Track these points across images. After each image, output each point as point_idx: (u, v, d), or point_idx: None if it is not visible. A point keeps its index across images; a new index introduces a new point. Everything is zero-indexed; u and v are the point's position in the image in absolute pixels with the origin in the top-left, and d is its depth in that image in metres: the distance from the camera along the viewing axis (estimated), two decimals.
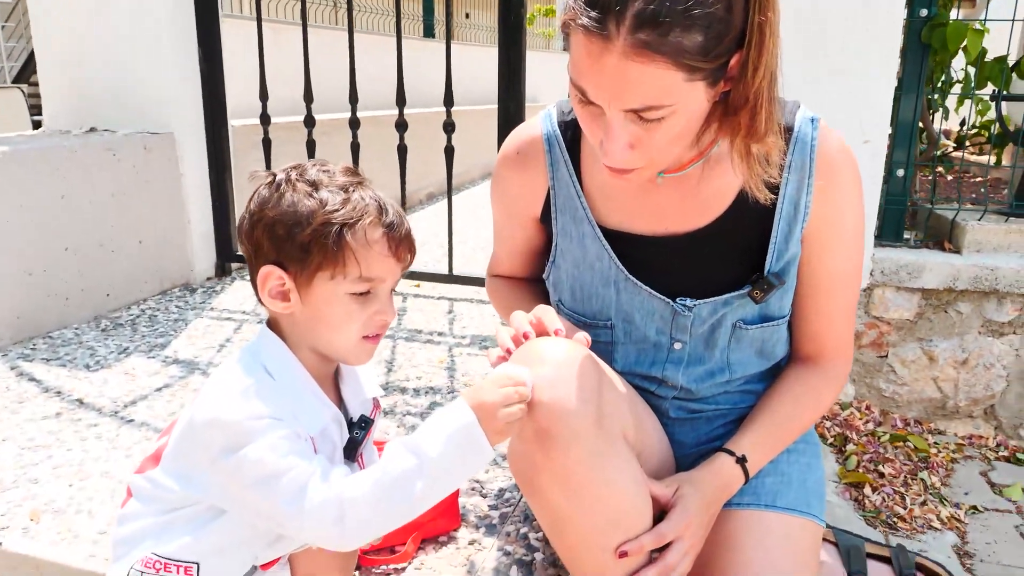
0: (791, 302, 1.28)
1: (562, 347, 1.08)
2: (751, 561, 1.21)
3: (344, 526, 0.96)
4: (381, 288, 1.06)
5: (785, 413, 1.29)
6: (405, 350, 2.43)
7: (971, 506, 2.06)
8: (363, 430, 1.15)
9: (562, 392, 1.02)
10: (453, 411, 1.00)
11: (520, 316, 1.18)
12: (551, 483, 1.06)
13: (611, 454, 1.07)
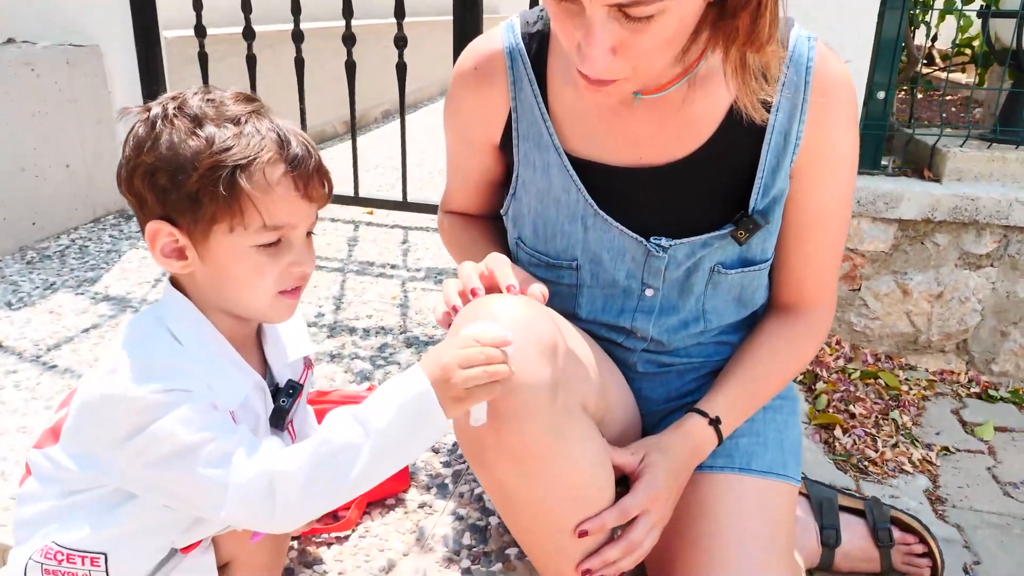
0: (774, 245, 1.15)
1: (514, 307, 0.94)
2: (724, 529, 1.11)
3: (274, 505, 0.84)
4: (294, 235, 0.91)
5: (762, 369, 1.17)
6: (355, 285, 2.27)
7: (943, 447, 2.00)
8: (291, 397, 1.02)
9: (514, 361, 0.89)
10: (406, 377, 0.87)
11: (469, 268, 1.03)
12: (501, 461, 0.94)
13: (569, 428, 0.95)
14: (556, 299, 1.19)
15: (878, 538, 1.50)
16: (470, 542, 1.23)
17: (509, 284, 1.00)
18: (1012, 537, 1.70)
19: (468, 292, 1.00)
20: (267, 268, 0.89)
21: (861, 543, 1.51)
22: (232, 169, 0.84)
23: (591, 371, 1.05)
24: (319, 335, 1.95)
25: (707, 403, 1.15)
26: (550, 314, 1.01)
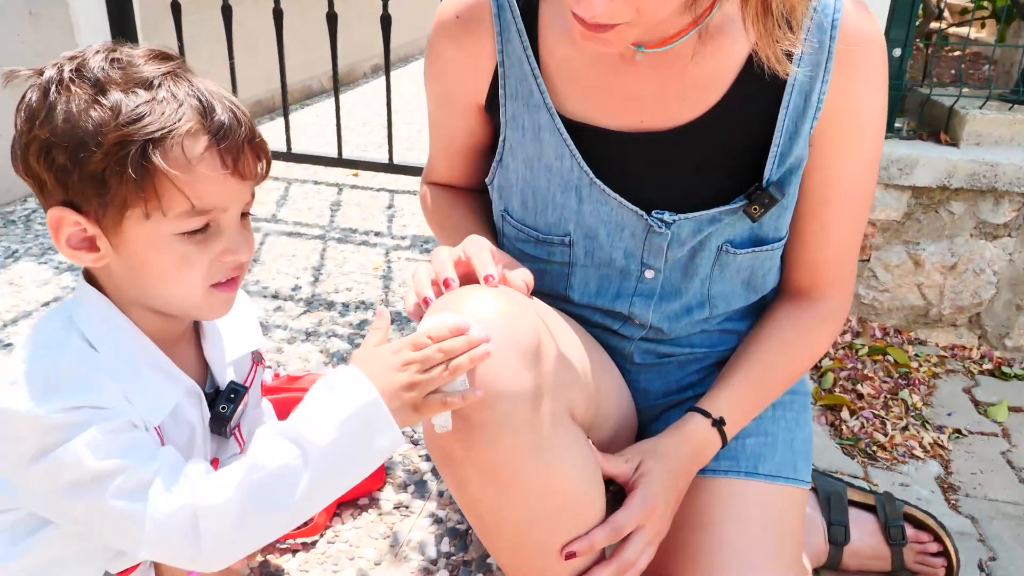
0: (789, 221, 1.03)
1: (490, 302, 0.82)
2: (727, 540, 1.01)
3: (199, 543, 0.72)
4: (224, 219, 0.78)
5: (771, 362, 1.05)
6: (335, 254, 2.15)
7: (955, 429, 1.90)
8: (232, 402, 0.89)
9: (489, 368, 0.77)
10: (348, 383, 0.75)
11: (443, 255, 0.91)
12: (474, 478, 0.82)
13: (552, 440, 0.83)
14: (546, 279, 1.06)
15: (890, 536, 1.40)
16: (449, 549, 1.13)
17: (487, 274, 0.87)
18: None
19: (441, 283, 0.88)
20: (195, 259, 0.77)
21: (871, 540, 1.41)
22: (143, 144, 0.71)
23: (581, 371, 0.93)
24: (295, 310, 1.83)
25: (710, 401, 1.03)
26: (534, 307, 0.89)
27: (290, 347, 1.66)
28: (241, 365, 0.96)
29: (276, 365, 1.59)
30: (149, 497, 0.72)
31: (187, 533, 0.73)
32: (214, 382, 0.91)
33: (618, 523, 0.90)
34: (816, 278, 1.07)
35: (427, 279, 0.91)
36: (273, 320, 1.78)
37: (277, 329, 1.74)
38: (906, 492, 1.69)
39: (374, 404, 0.74)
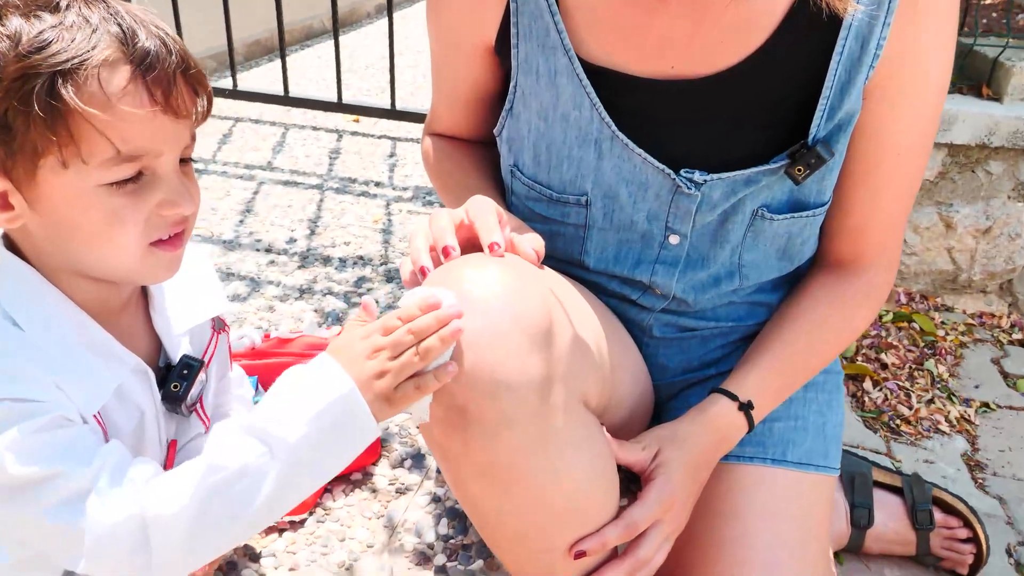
0: (834, 184, 0.92)
1: (496, 275, 0.72)
2: (751, 533, 0.92)
3: (149, 557, 0.64)
4: (159, 165, 0.68)
5: (806, 341, 0.95)
6: (333, 205, 2.04)
7: (982, 403, 1.81)
8: (185, 380, 0.80)
9: (491, 354, 0.67)
10: (318, 373, 0.67)
11: (443, 219, 0.80)
12: (473, 476, 0.73)
13: (562, 433, 0.74)
14: (558, 242, 0.96)
15: (916, 520, 1.31)
16: (447, 531, 1.04)
17: (492, 241, 0.77)
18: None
19: (440, 251, 0.77)
20: (127, 214, 0.67)
21: (896, 525, 1.32)
22: (51, 77, 0.60)
23: (597, 351, 0.83)
24: (289, 265, 1.73)
25: (737, 382, 0.93)
26: (545, 279, 0.79)
27: (282, 305, 1.57)
28: (200, 335, 0.86)
29: (267, 325, 1.50)
30: (88, 508, 0.63)
31: (134, 547, 0.64)
32: (166, 357, 0.82)
33: (633, 519, 0.81)
34: (860, 248, 0.96)
35: (425, 246, 0.81)
36: (265, 275, 1.68)
37: (269, 285, 1.64)
38: (930, 469, 1.60)
39: (349, 396, 0.65)
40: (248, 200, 2.04)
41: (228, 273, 1.67)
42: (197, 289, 0.86)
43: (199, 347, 0.86)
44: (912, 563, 1.35)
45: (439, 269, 0.76)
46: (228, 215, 1.95)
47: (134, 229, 0.67)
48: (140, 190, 0.67)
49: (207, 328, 0.88)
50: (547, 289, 0.77)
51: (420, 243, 0.81)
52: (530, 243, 0.81)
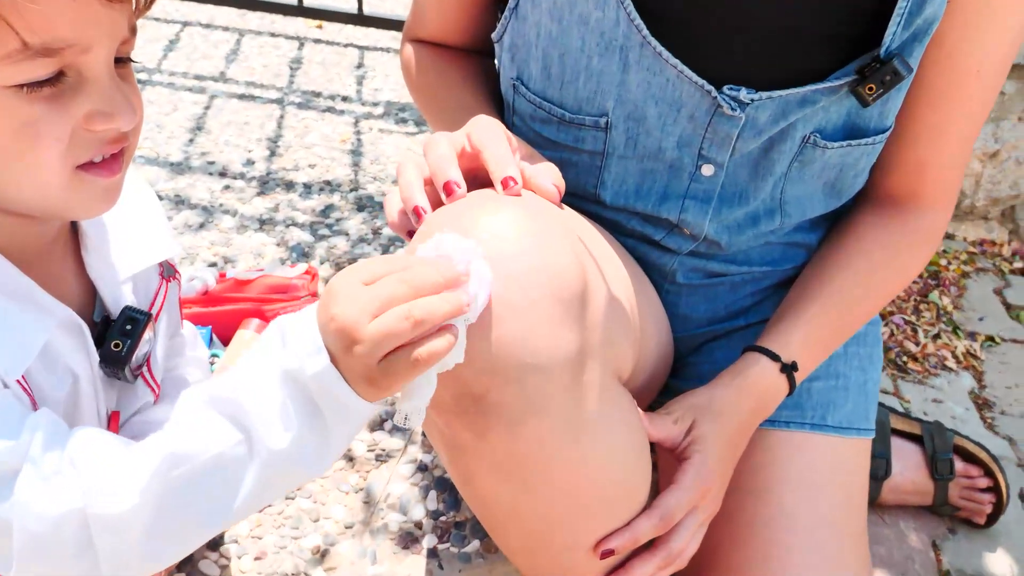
0: (899, 107, 0.78)
1: (518, 223, 0.57)
2: (788, 509, 0.82)
3: (96, 562, 0.52)
4: (88, 64, 0.53)
5: (857, 291, 0.83)
6: (295, 122, 1.84)
7: (987, 336, 1.74)
8: (129, 336, 0.66)
9: (517, 328, 0.53)
10: (294, 346, 0.54)
11: (442, 146, 0.65)
12: (487, 471, 0.61)
13: (595, 418, 0.62)
14: (570, 173, 0.81)
15: (936, 470, 1.24)
16: (436, 506, 0.92)
17: (507, 176, 0.62)
18: None
19: (440, 187, 0.62)
20: (44, 126, 0.52)
21: (914, 476, 1.24)
22: None
23: (630, 313, 0.69)
24: (246, 191, 1.55)
25: (778, 339, 0.81)
26: (571, 223, 0.64)
27: (240, 238, 1.40)
28: (145, 283, 0.72)
29: (222, 263, 1.33)
30: (15, 496, 0.50)
31: (77, 549, 0.52)
32: (104, 309, 0.67)
33: (668, 509, 0.69)
34: (919, 185, 0.83)
35: (418, 180, 0.65)
36: (220, 203, 1.51)
37: (225, 215, 1.47)
38: (939, 409, 1.53)
39: (322, 375, 0.52)
40: (199, 116, 1.83)
41: (176, 201, 1.49)
42: (140, 227, 0.72)
43: (144, 298, 0.72)
44: (928, 513, 1.28)
45: (440, 212, 0.61)
46: (176, 133, 1.75)
47: (55, 147, 0.53)
48: (61, 96, 0.52)
49: (154, 275, 0.73)
50: (577, 238, 0.62)
51: (412, 176, 0.66)
52: (549, 177, 0.67)
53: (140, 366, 0.70)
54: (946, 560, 1.22)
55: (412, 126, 1.89)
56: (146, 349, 0.69)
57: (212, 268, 1.27)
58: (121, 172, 0.59)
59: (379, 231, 1.48)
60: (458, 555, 0.87)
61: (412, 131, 1.87)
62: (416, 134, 1.87)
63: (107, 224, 0.68)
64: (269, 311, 1.13)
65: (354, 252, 1.39)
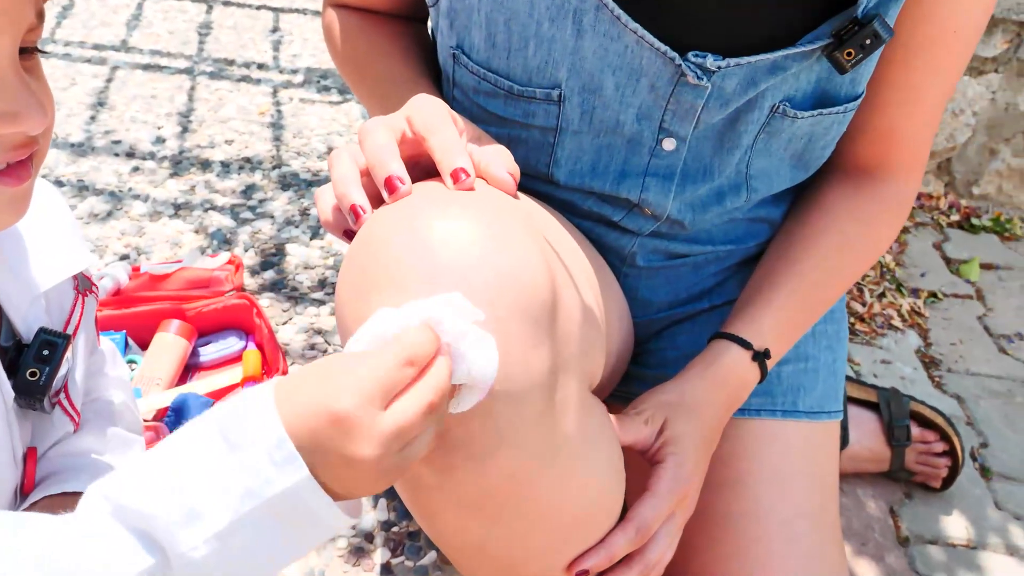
0: (871, 72, 0.73)
1: (479, 227, 0.51)
2: (764, 504, 0.79)
3: None
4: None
5: (828, 268, 0.78)
6: (207, 94, 1.71)
7: (930, 293, 1.75)
8: (48, 363, 0.57)
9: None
10: (260, 450, 0.43)
11: (379, 136, 0.57)
12: (451, 508, 0.54)
13: (572, 436, 0.55)
14: (519, 151, 0.74)
15: (893, 437, 1.22)
16: (387, 516, 0.85)
17: (458, 167, 0.54)
18: (1016, 408, 1.48)
19: (381, 183, 0.54)
20: None
21: (871, 443, 1.23)
22: None
23: (598, 310, 0.63)
24: (158, 173, 1.42)
25: (748, 325, 0.75)
26: (533, 220, 0.57)
27: (153, 226, 1.28)
28: (59, 299, 0.62)
29: (135, 255, 1.21)
30: None
31: None
32: (14, 333, 0.58)
33: (644, 521, 0.64)
34: (889, 153, 0.79)
35: (353, 172, 0.57)
36: (129, 188, 1.38)
37: (135, 201, 1.34)
38: (889, 370, 1.53)
39: (301, 490, 0.42)
40: (100, 90, 1.68)
41: (80, 187, 1.36)
42: (50, 236, 0.62)
43: (59, 316, 0.63)
44: (884, 479, 1.27)
45: (384, 213, 0.53)
46: (76, 110, 1.60)
47: None
48: None
49: (68, 289, 0.64)
50: (542, 237, 0.55)
51: (346, 168, 0.58)
52: (503, 163, 0.59)
53: (58, 392, 0.61)
54: (904, 526, 1.21)
55: (336, 94, 1.77)
56: (64, 372, 0.60)
57: (124, 262, 1.16)
58: (31, 179, 0.50)
59: (307, 212, 1.38)
60: (414, 569, 0.80)
61: (336, 100, 1.75)
62: (341, 103, 1.75)
63: (12, 237, 0.58)
64: (190, 310, 1.02)
65: (280, 236, 1.29)
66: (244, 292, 1.13)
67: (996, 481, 1.31)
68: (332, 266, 1.27)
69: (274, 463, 0.41)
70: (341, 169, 0.57)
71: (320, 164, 1.47)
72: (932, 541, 1.20)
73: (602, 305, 0.66)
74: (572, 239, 0.68)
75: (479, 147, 0.61)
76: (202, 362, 1.03)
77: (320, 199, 0.62)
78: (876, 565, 1.15)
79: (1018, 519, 1.25)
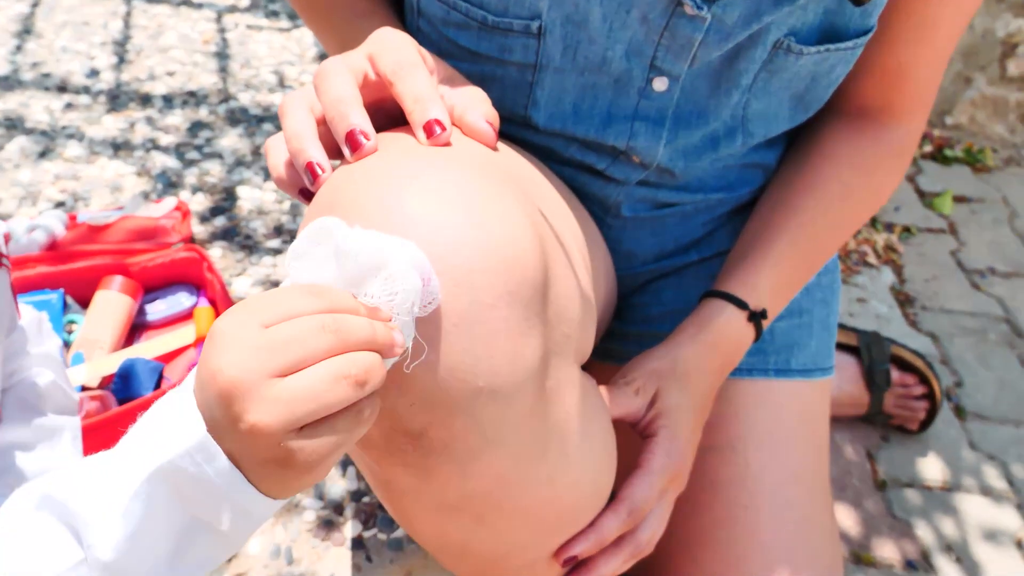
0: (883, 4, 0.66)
1: (461, 193, 0.44)
2: (756, 469, 0.76)
3: None
4: None
5: (829, 219, 0.73)
6: (146, 20, 1.57)
7: (904, 227, 1.73)
8: None
9: (466, 350, 0.39)
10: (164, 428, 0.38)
11: (338, 81, 0.50)
12: (431, 512, 0.48)
13: (562, 425, 0.50)
14: (494, 91, 0.66)
15: (873, 381, 1.20)
16: (357, 486, 0.80)
17: (432, 118, 0.47)
18: (989, 346, 1.47)
19: (342, 138, 0.47)
20: None
21: (850, 388, 1.21)
22: None
23: (590, 281, 0.56)
24: (93, 109, 1.31)
25: (744, 283, 0.70)
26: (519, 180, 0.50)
27: (91, 169, 1.17)
28: None
29: (71, 201, 1.11)
30: None
31: None
32: None
33: (636, 502, 0.59)
34: (896, 93, 0.73)
35: (308, 122, 0.50)
36: (62, 126, 1.26)
37: (70, 141, 1.23)
38: (865, 309, 1.51)
39: (197, 454, 0.37)
40: (25, 16, 1.54)
41: (8, 125, 1.24)
42: None
43: None
44: (860, 423, 1.26)
45: (344, 174, 0.45)
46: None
47: None
48: None
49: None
50: (528, 200, 0.48)
51: (301, 119, 0.50)
52: (481, 111, 0.52)
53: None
54: (882, 470, 1.20)
55: (285, 20, 1.65)
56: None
57: (59, 211, 1.06)
58: None
59: (259, 150, 1.28)
60: (387, 542, 0.76)
61: (285, 26, 1.63)
62: (291, 29, 1.63)
63: None
64: (134, 264, 0.94)
65: (231, 178, 1.20)
66: (193, 243, 1.04)
67: (970, 421, 1.30)
68: (288, 211, 1.19)
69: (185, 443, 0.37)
70: (295, 120, 0.50)
71: (271, 98, 1.37)
72: (909, 484, 1.19)
73: (590, 269, 0.59)
74: (557, 194, 0.61)
75: (451, 89, 0.54)
76: (149, 321, 0.95)
77: (271, 152, 0.54)
78: (855, 511, 1.14)
79: (992, 459, 1.24)
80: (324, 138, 0.50)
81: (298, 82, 1.45)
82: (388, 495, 0.49)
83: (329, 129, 0.50)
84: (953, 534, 1.13)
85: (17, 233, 0.97)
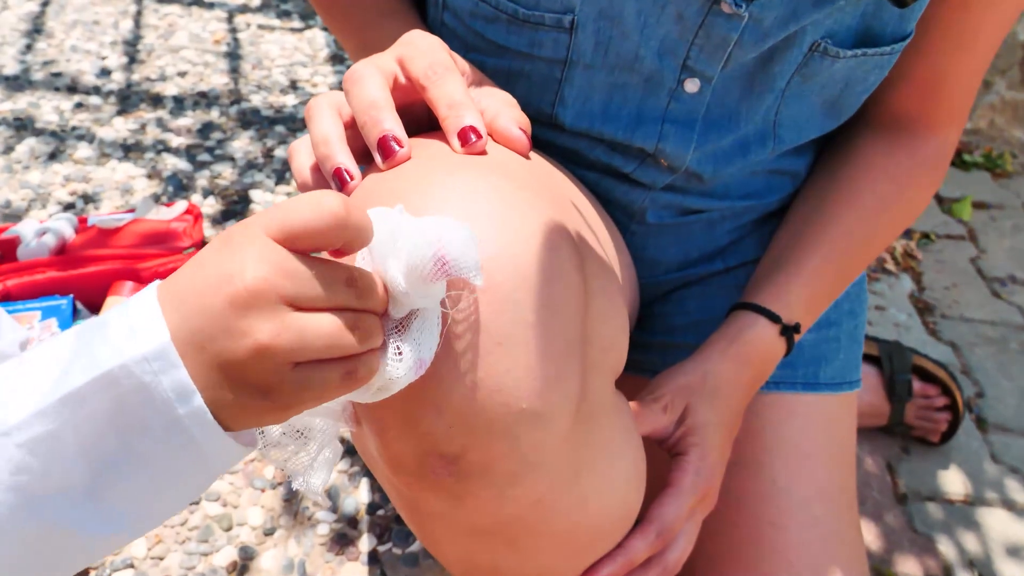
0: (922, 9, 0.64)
1: (503, 206, 0.41)
2: (783, 486, 0.74)
3: None
4: None
5: (865, 232, 0.72)
6: (156, 20, 1.56)
7: (922, 234, 1.71)
8: None
9: (508, 370, 0.37)
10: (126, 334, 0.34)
11: (370, 86, 0.49)
12: (460, 537, 0.47)
13: (597, 447, 0.49)
14: (519, 87, 0.65)
15: (894, 392, 1.18)
16: (371, 498, 0.78)
17: (467, 125, 0.45)
18: (1010, 356, 1.45)
19: (374, 145, 0.45)
20: None
21: (871, 398, 1.18)
22: None
23: (619, 292, 0.55)
24: (104, 109, 1.29)
25: (778, 297, 0.68)
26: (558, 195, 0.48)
27: (101, 170, 1.16)
28: None
29: (81, 204, 1.10)
30: None
31: None
32: None
33: (666, 523, 0.57)
34: (932, 103, 0.71)
35: (336, 126, 0.48)
36: (72, 126, 1.25)
37: (80, 142, 1.22)
38: (884, 317, 1.48)
39: (182, 397, 0.33)
40: (35, 15, 1.52)
41: (18, 126, 1.23)
42: None
43: None
44: (881, 434, 1.24)
45: (376, 183, 0.43)
46: (8, 38, 1.45)
47: None
48: None
49: None
50: (566, 211, 0.46)
51: (328, 123, 0.48)
52: (513, 117, 0.50)
53: None
54: (902, 483, 1.18)
55: (297, 20, 1.63)
56: None
57: (69, 213, 1.04)
58: None
59: (272, 152, 1.27)
60: (402, 557, 0.74)
61: (298, 26, 1.62)
62: (303, 30, 1.62)
63: None
64: (145, 269, 0.92)
65: (243, 181, 1.18)
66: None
67: (992, 433, 1.28)
68: None
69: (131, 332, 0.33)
70: (323, 124, 0.48)
71: (283, 99, 1.35)
72: (930, 497, 1.17)
73: (621, 281, 0.58)
74: (588, 203, 0.60)
75: (481, 92, 0.52)
76: None
77: (296, 156, 0.52)
78: (875, 525, 1.12)
79: (1015, 472, 1.22)
80: (351, 141, 0.49)
81: (310, 83, 1.44)
82: (415, 518, 0.47)
83: (355, 133, 0.48)
84: (975, 549, 1.11)
85: (27, 237, 0.95)
